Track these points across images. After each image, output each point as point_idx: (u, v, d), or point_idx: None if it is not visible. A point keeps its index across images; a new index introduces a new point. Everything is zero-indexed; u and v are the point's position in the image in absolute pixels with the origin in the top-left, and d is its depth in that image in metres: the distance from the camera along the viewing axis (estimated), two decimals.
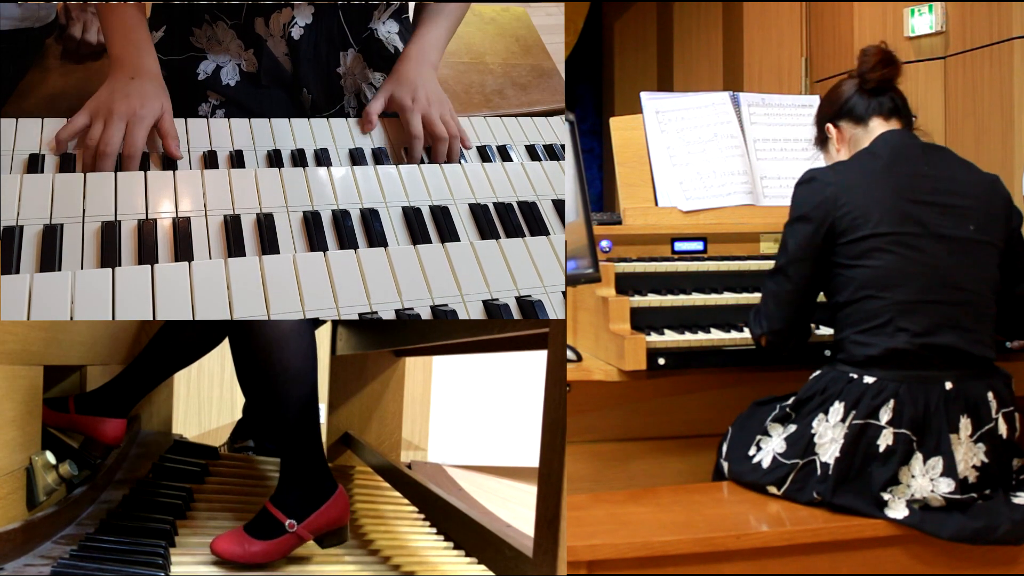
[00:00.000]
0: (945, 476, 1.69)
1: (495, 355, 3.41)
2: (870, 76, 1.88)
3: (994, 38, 2.95)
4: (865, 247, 1.75)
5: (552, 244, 1.91)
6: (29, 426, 1.73)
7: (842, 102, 1.93)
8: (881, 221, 1.75)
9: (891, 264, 1.74)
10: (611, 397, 2.11)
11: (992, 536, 1.68)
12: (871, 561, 1.70)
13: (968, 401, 1.72)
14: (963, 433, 1.71)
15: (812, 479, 1.76)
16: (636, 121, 2.41)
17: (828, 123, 1.97)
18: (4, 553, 1.50)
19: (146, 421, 2.94)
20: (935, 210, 1.76)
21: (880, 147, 1.84)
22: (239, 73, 2.31)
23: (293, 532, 1.83)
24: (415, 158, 2.24)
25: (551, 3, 3.32)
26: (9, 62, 2.37)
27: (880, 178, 1.78)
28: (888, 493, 1.70)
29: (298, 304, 1.66)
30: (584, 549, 1.58)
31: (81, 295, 1.58)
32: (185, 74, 2.28)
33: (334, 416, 3.20)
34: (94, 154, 1.95)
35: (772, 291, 1.87)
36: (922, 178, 1.79)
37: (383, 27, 2.46)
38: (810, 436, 1.77)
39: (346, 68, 2.40)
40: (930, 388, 1.71)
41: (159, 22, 2.33)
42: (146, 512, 2.01)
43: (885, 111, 1.89)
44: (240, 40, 2.29)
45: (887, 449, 1.71)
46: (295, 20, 2.29)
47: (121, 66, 2.06)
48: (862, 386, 1.74)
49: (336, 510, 1.89)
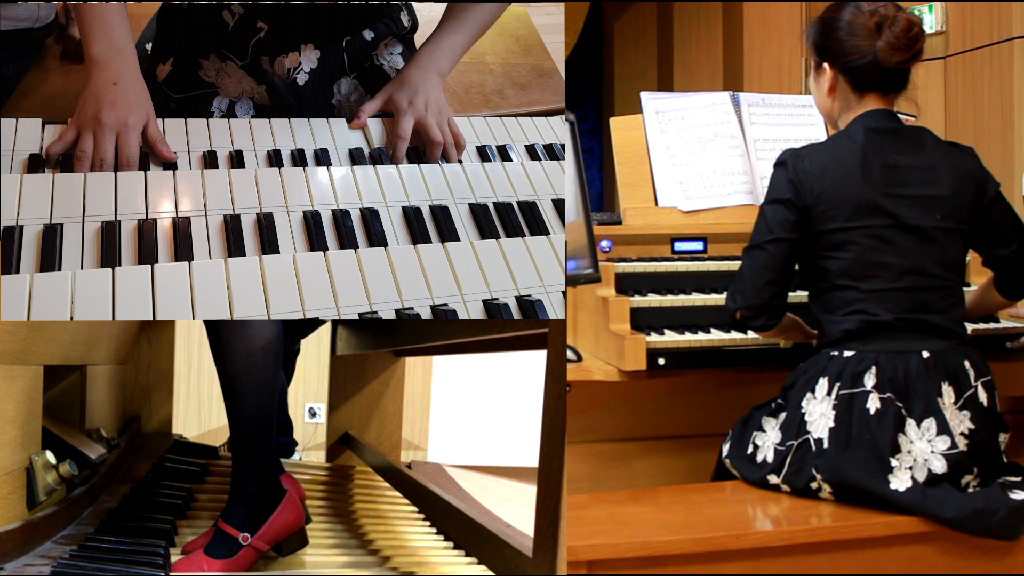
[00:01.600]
0: (941, 434, 1.72)
1: (495, 355, 3.42)
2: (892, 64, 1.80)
3: (994, 38, 2.95)
4: (837, 239, 1.79)
5: (552, 244, 1.92)
6: (29, 426, 1.73)
7: (851, 59, 1.83)
8: (853, 215, 1.78)
9: (863, 255, 1.78)
10: (611, 397, 2.10)
11: (991, 519, 1.68)
12: (871, 561, 1.70)
13: (947, 369, 1.76)
14: (947, 399, 1.75)
15: (809, 457, 1.76)
16: (636, 121, 2.41)
17: (826, 62, 1.88)
18: (4, 553, 1.50)
19: (146, 421, 2.95)
20: (905, 202, 1.79)
21: (856, 131, 1.83)
22: (253, 108, 2.28)
23: (248, 545, 1.82)
24: (398, 159, 2.22)
25: (551, 3, 3.32)
26: (9, 62, 2.37)
27: (854, 167, 1.79)
28: (895, 460, 1.72)
29: (298, 304, 1.67)
30: (584, 549, 1.58)
31: (81, 295, 1.58)
32: (199, 113, 2.24)
33: (334, 416, 3.20)
34: (89, 168, 1.94)
35: (748, 265, 1.87)
36: (893, 169, 1.80)
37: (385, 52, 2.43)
38: (800, 416, 1.79)
39: (340, 97, 2.37)
40: (908, 356, 1.75)
41: (166, 54, 2.28)
42: (146, 512, 2.01)
43: (887, 87, 1.85)
44: (251, 77, 2.26)
45: (877, 412, 1.73)
46: (301, 66, 2.26)
47: (101, 70, 2.02)
48: (843, 359, 1.77)
49: (288, 515, 1.87)
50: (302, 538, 1.93)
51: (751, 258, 1.87)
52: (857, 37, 1.81)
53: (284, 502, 1.87)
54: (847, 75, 1.86)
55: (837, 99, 1.90)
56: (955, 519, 1.68)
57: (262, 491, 1.87)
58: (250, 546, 1.82)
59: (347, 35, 2.31)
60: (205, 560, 1.78)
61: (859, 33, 1.81)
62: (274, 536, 1.86)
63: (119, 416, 2.75)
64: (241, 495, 1.85)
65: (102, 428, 2.35)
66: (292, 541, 1.91)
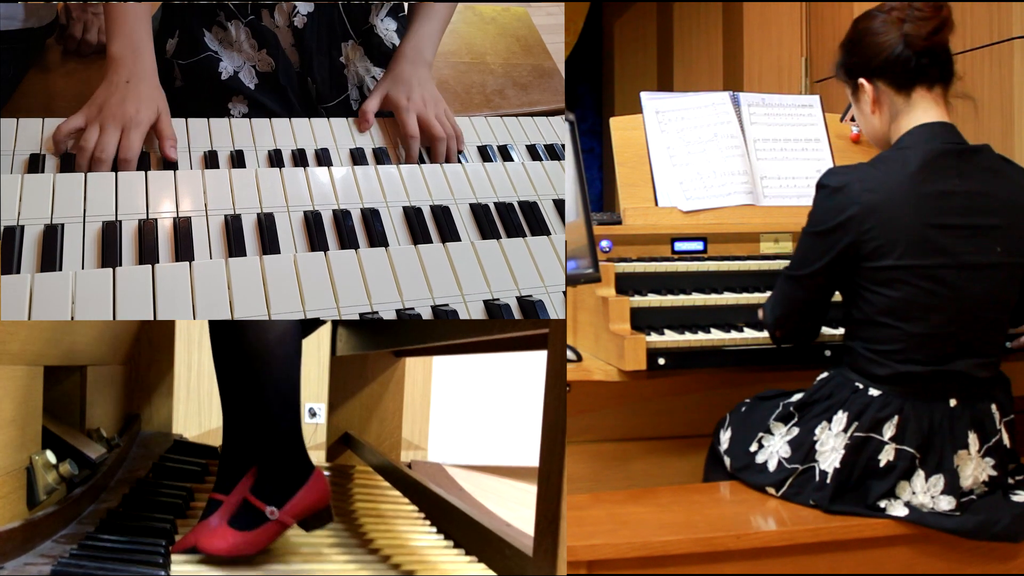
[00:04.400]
0: (946, 494, 1.68)
1: (495, 355, 3.41)
2: (922, 42, 1.69)
3: (994, 38, 2.95)
4: (887, 276, 1.66)
5: (553, 244, 1.91)
6: (29, 426, 1.73)
7: (883, 57, 1.73)
8: (906, 252, 1.64)
9: (912, 297, 1.66)
10: (611, 397, 2.10)
11: (993, 530, 1.67)
12: (871, 561, 1.70)
13: (974, 417, 1.70)
14: (972, 449, 1.70)
15: (810, 486, 1.75)
16: (636, 121, 2.41)
17: (862, 77, 1.78)
18: (4, 552, 1.50)
19: (146, 421, 2.95)
20: (963, 234, 1.66)
21: (912, 152, 1.69)
22: (256, 75, 2.32)
23: (275, 519, 1.83)
24: (412, 158, 2.24)
25: (551, 3, 3.32)
26: (9, 62, 2.37)
27: (908, 196, 1.66)
28: (884, 502, 1.70)
29: (299, 304, 1.67)
30: (584, 549, 1.58)
31: (82, 295, 1.58)
32: (207, 74, 2.28)
33: (334, 416, 3.20)
34: (89, 159, 1.95)
35: (787, 294, 1.83)
36: (951, 196, 1.66)
37: (381, 24, 2.48)
38: (812, 442, 1.76)
39: (347, 58, 2.41)
40: (935, 406, 1.69)
41: (172, 28, 2.33)
42: (146, 512, 2.01)
43: (930, 77, 1.72)
44: (254, 39, 2.30)
45: (887, 465, 1.69)
46: (297, 9, 2.31)
47: (117, 67, 2.06)
48: (867, 398, 1.71)
49: (315, 492, 1.89)
50: (328, 515, 1.94)
51: (790, 287, 1.82)
52: (883, 34, 1.74)
53: (312, 478, 1.89)
54: (885, 77, 1.75)
55: (883, 113, 1.78)
56: (957, 529, 1.68)
57: (294, 465, 1.88)
58: (277, 520, 1.83)
59: None
60: (229, 531, 1.80)
61: (883, 30, 1.74)
62: (301, 511, 1.88)
63: (119, 416, 2.75)
64: (273, 470, 1.87)
65: (102, 428, 2.35)
66: (318, 518, 1.92)
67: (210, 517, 1.85)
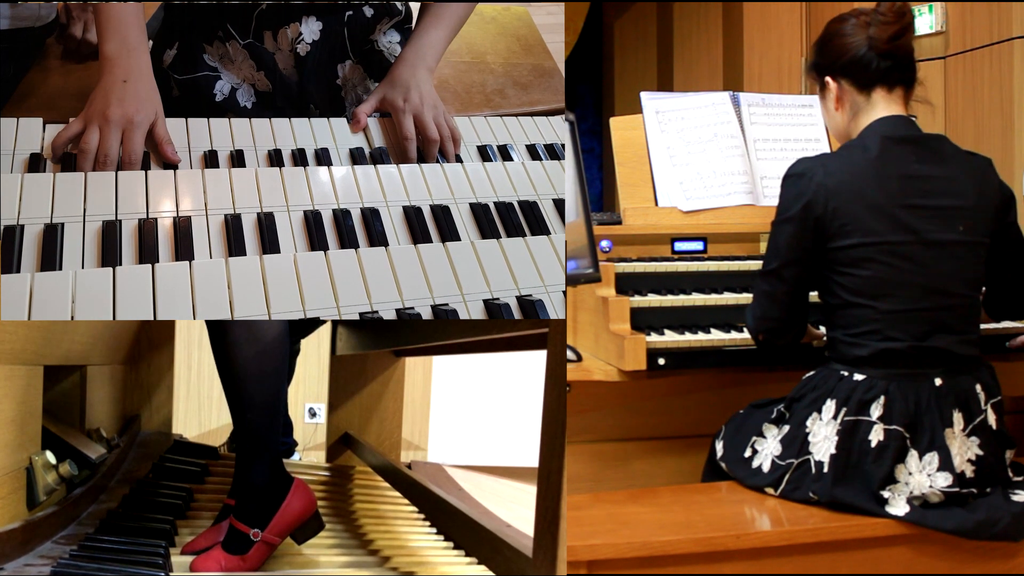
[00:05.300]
0: (942, 471, 1.70)
1: (495, 355, 3.41)
2: (884, 45, 1.78)
3: (994, 38, 2.95)
4: (855, 255, 1.73)
5: (553, 243, 1.91)
6: (29, 426, 1.73)
7: (847, 58, 1.82)
8: (872, 229, 1.72)
9: (881, 274, 1.72)
10: (611, 397, 2.10)
11: (993, 529, 1.68)
12: (871, 561, 1.70)
13: (958, 396, 1.73)
14: (957, 427, 1.72)
15: (808, 478, 1.76)
16: (636, 121, 2.41)
17: (828, 76, 1.87)
18: (4, 553, 1.50)
19: (146, 421, 2.95)
20: (925, 213, 1.73)
21: (871, 140, 1.77)
22: (254, 94, 2.31)
23: (259, 541, 1.82)
24: (409, 159, 2.24)
25: (551, 3, 3.32)
26: (9, 62, 2.37)
27: (870, 179, 1.74)
28: (887, 491, 1.70)
29: (299, 304, 1.66)
30: (584, 549, 1.58)
31: (82, 295, 1.58)
32: (203, 93, 2.26)
33: (334, 416, 3.21)
34: (92, 162, 1.94)
35: (766, 291, 1.85)
36: (913, 179, 1.75)
37: (384, 38, 2.46)
38: (804, 435, 1.77)
39: (344, 78, 2.40)
40: (920, 385, 1.72)
41: (171, 39, 2.30)
42: (146, 512, 2.01)
43: (891, 79, 1.81)
44: (252, 60, 2.28)
45: (879, 445, 1.71)
46: (302, 36, 2.29)
47: (112, 67, 2.03)
48: (852, 383, 1.74)
49: (298, 505, 1.87)
50: (318, 523, 1.92)
51: (768, 283, 1.84)
52: (850, 36, 1.83)
53: (292, 491, 1.88)
54: (848, 75, 1.83)
55: (845, 110, 1.86)
56: (957, 530, 1.68)
57: (269, 482, 1.87)
58: (262, 541, 1.82)
59: (348, 9, 2.33)
60: (223, 555, 1.80)
61: (851, 32, 1.83)
62: (285, 527, 1.86)
63: (119, 416, 2.75)
64: (249, 489, 1.86)
65: (102, 428, 2.35)
66: (307, 528, 1.90)
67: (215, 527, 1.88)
